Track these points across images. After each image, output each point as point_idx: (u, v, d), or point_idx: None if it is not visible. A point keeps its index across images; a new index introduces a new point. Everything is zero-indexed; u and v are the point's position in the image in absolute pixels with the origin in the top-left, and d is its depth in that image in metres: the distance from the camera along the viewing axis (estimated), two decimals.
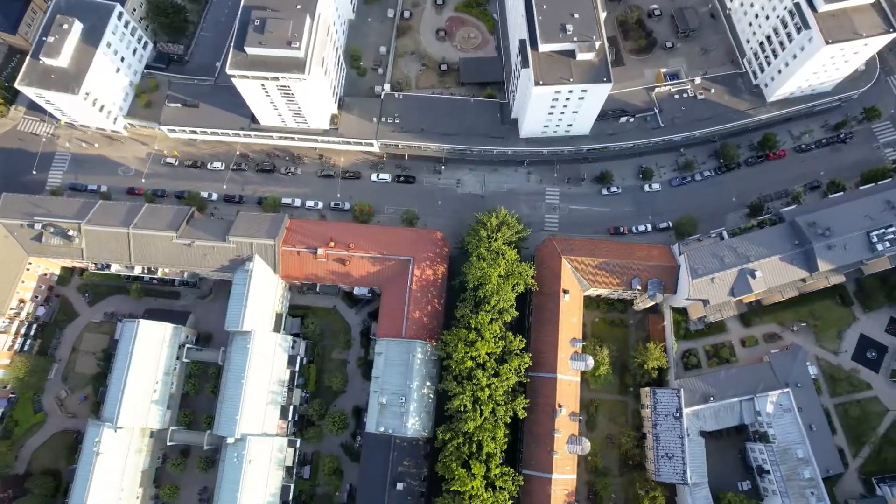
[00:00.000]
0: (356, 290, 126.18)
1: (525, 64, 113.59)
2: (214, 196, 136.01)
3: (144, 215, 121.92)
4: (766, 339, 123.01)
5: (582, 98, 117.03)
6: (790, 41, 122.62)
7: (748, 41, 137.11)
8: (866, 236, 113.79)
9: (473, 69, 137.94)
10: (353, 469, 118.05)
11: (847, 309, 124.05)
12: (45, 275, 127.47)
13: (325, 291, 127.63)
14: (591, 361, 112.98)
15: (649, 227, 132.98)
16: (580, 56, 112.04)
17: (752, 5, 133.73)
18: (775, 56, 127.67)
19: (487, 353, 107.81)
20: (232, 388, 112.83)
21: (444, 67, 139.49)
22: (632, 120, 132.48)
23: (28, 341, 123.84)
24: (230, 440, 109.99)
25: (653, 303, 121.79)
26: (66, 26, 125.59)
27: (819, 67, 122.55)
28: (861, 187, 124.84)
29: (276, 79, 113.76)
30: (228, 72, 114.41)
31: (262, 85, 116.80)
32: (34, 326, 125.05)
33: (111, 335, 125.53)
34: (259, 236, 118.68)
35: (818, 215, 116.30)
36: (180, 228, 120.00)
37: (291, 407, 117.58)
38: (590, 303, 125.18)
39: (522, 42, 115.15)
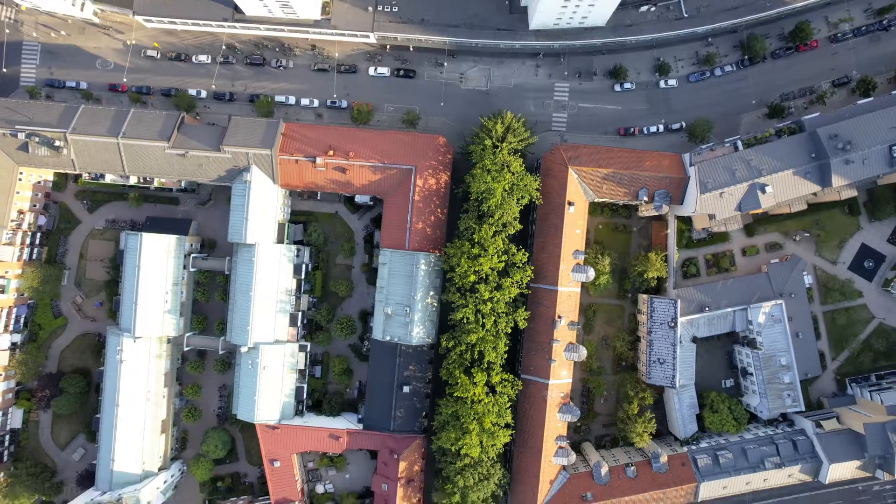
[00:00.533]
0: (358, 198, 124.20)
1: None
2: (203, 94, 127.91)
3: (132, 122, 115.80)
4: (767, 248, 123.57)
5: None
6: None
7: None
8: (888, 150, 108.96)
9: None
10: (362, 367, 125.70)
11: (853, 218, 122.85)
12: (40, 182, 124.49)
13: (327, 197, 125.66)
14: (591, 273, 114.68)
15: (661, 128, 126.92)
16: None
17: None
18: None
19: (490, 268, 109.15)
20: (241, 299, 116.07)
21: None
22: (653, 9, 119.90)
23: (35, 249, 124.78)
24: (243, 349, 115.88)
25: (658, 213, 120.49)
26: None
27: None
28: (893, 92, 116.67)
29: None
30: None
31: None
32: (38, 235, 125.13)
33: (116, 241, 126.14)
34: (254, 146, 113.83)
35: (840, 126, 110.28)
36: (172, 138, 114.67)
37: (300, 313, 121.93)
38: (594, 208, 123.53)
39: None
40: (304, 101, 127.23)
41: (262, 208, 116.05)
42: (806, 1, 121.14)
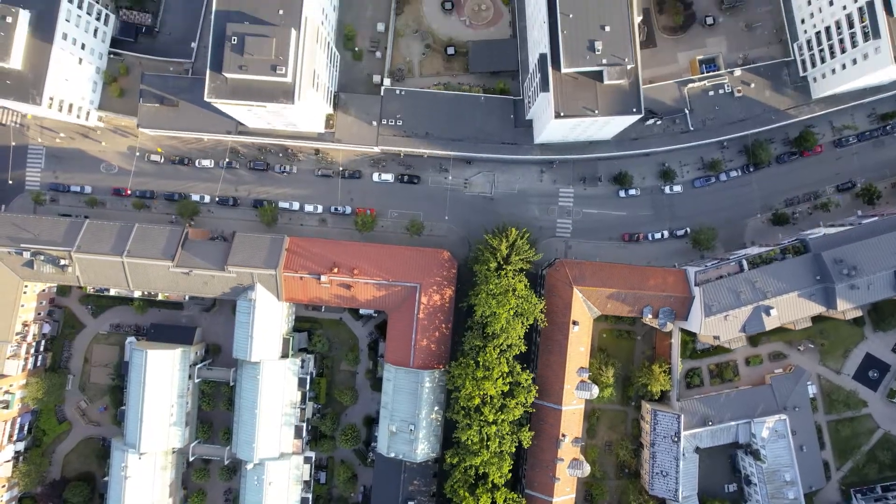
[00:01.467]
0: (362, 310, 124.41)
1: (545, 87, 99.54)
2: (207, 199, 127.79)
3: (136, 238, 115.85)
4: (771, 357, 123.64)
5: (607, 123, 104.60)
6: (853, 45, 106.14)
7: (803, 21, 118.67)
8: (893, 275, 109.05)
9: (484, 56, 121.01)
10: (367, 472, 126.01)
11: (858, 328, 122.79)
12: (44, 290, 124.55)
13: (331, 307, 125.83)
14: (595, 391, 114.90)
15: (666, 234, 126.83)
16: (608, 80, 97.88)
17: None
18: (832, 55, 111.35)
19: (495, 390, 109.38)
20: (246, 415, 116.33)
21: (451, 52, 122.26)
22: (659, 122, 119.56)
23: (39, 357, 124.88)
24: (249, 465, 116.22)
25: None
26: (9, 19, 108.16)
27: (883, 78, 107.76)
28: None
29: (263, 107, 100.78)
30: (207, 99, 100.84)
31: (248, 109, 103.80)
32: (42, 342, 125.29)
33: (120, 346, 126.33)
34: (259, 266, 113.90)
35: (845, 251, 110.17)
36: (176, 256, 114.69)
37: (304, 423, 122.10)
38: (598, 317, 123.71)
39: (542, 59, 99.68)
40: (308, 208, 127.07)
41: (267, 325, 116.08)
42: (811, 114, 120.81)
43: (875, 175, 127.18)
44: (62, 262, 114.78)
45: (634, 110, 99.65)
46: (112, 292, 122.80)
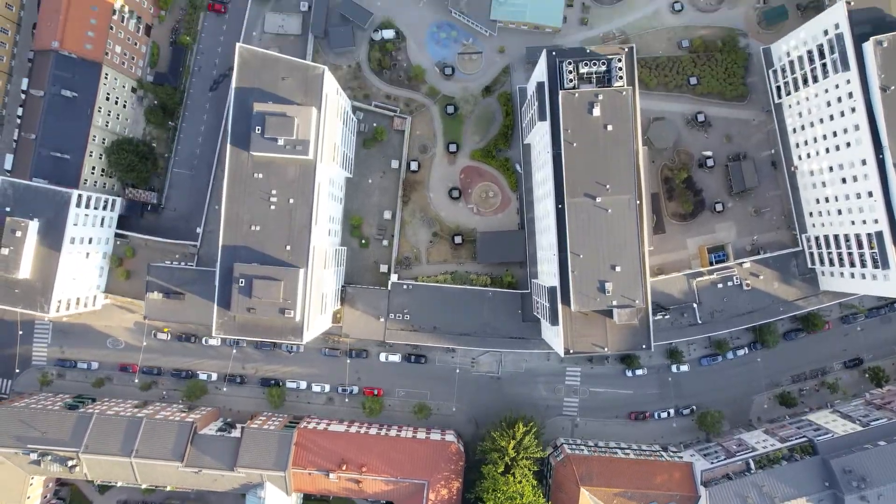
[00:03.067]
0: None
1: (554, 320, 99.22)
2: (214, 376, 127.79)
3: (144, 436, 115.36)
4: None
5: None
6: (862, 264, 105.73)
7: (811, 215, 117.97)
8: None
9: (492, 247, 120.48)
10: None
11: None
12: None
13: None
14: None
15: (672, 413, 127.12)
16: (619, 321, 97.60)
17: (823, 185, 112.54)
18: (840, 263, 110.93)
19: None
20: None
21: (458, 240, 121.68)
22: (667, 316, 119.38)
23: None
24: None
25: None
26: (18, 233, 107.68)
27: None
28: None
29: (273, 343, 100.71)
30: (214, 334, 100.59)
31: None
32: None
33: None
34: (268, 467, 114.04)
35: (854, 460, 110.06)
36: (185, 455, 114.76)
37: None
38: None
39: (552, 293, 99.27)
40: (316, 388, 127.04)
41: None
42: (819, 305, 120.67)
43: (882, 351, 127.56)
44: (70, 462, 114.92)
45: (644, 346, 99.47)
46: (119, 484, 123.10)
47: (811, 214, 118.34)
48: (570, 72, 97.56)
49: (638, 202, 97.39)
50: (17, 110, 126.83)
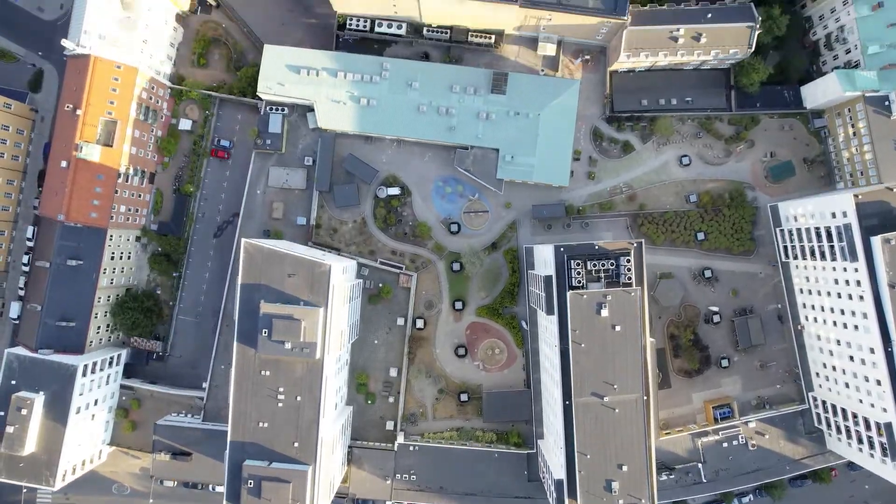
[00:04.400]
0: None
1: None
2: None
3: None
4: None
5: None
6: (871, 446, 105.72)
7: (817, 375, 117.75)
8: None
9: (498, 406, 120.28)
10: None
11: None
12: None
13: None
14: None
15: None
16: None
17: (830, 354, 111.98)
18: (849, 436, 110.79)
19: None
20: None
21: (464, 398, 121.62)
22: (672, 476, 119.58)
23: None
24: None
25: None
26: (24, 411, 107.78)
27: None
28: None
29: None
30: None
31: None
32: None
33: None
34: None
35: None
36: None
37: None
38: None
39: (559, 486, 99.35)
40: None
41: None
42: (826, 464, 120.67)
43: (890, 498, 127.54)
44: None
45: None
46: None
47: (818, 375, 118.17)
48: (578, 271, 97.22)
49: (645, 398, 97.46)
50: (24, 257, 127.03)
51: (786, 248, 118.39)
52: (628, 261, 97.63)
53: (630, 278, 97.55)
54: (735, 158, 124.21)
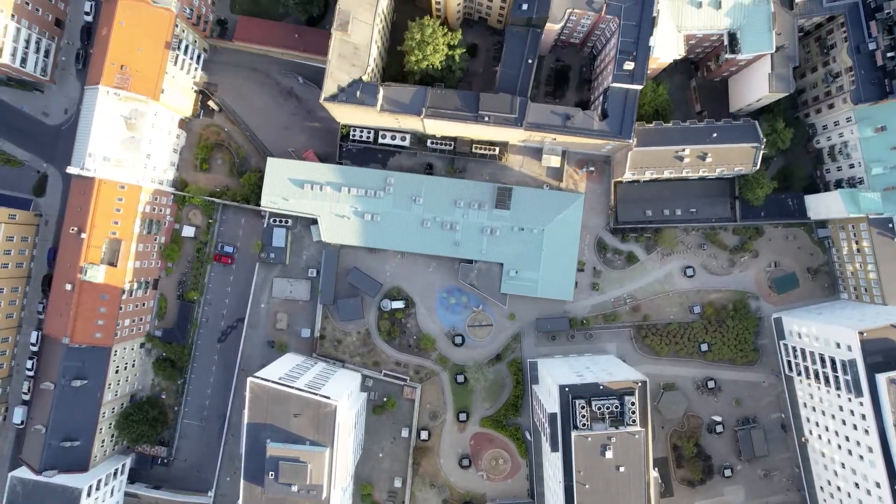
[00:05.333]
0: None
1: None
2: None
3: None
4: None
5: None
6: None
7: (821, 489, 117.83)
8: None
9: None
10: None
11: None
12: None
13: None
14: None
15: None
16: None
17: (835, 475, 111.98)
18: None
19: None
20: None
21: None
22: None
23: None
24: None
25: None
26: None
27: None
28: None
29: None
30: None
31: None
32: None
33: None
34: None
35: None
36: None
37: None
38: None
39: None
40: None
41: None
42: None
43: None
44: None
45: None
46: None
47: (822, 489, 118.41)
48: (583, 413, 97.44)
49: None
50: (27, 362, 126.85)
51: (789, 362, 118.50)
52: (633, 403, 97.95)
53: (634, 420, 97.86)
54: (739, 268, 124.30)
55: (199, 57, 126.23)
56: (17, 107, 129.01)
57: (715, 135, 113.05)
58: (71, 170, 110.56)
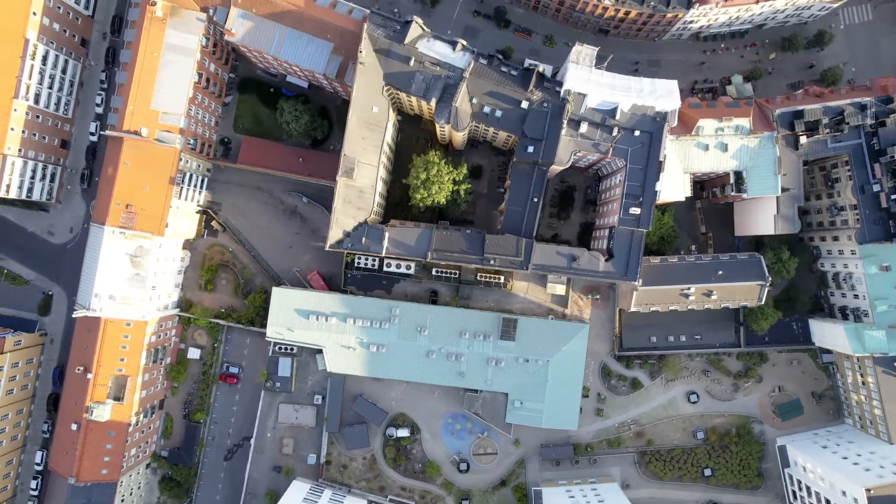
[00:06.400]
0: None
1: None
2: None
3: None
4: None
5: None
6: None
7: None
8: None
9: None
10: None
11: None
12: None
13: None
14: None
15: None
16: None
17: None
18: None
19: None
20: None
21: None
22: None
23: None
24: None
25: None
26: None
27: None
28: None
29: None
30: None
31: None
32: None
33: None
34: None
35: None
36: None
37: None
38: None
39: None
40: None
41: None
42: None
43: None
44: None
45: None
46: None
47: None
48: None
49: None
50: (31, 482, 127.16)
51: (794, 492, 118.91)
52: None
53: None
54: (743, 393, 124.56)
55: (202, 181, 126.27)
56: (23, 227, 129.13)
57: (720, 272, 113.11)
58: (77, 314, 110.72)
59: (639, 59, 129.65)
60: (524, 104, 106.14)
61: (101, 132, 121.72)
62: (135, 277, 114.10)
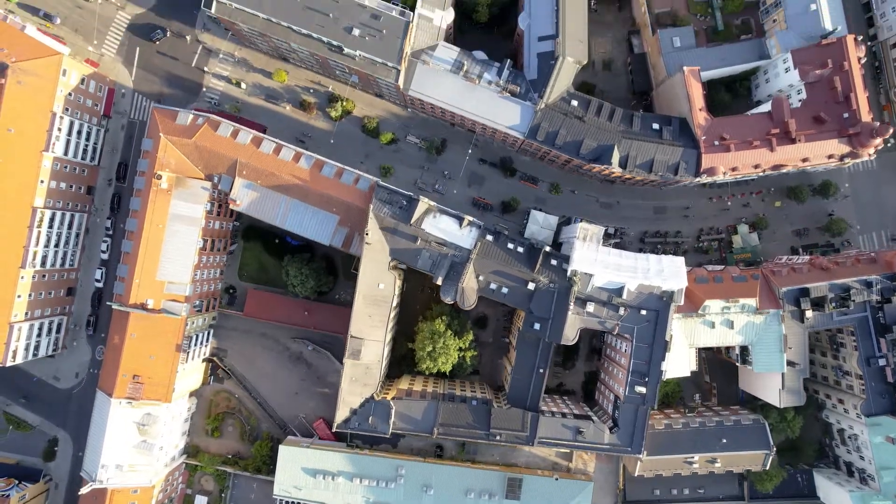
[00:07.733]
0: None
1: None
2: None
3: None
4: None
5: None
6: None
7: None
8: None
9: None
10: None
11: None
12: None
13: None
14: None
15: None
16: None
17: None
18: None
19: None
20: None
21: None
22: None
23: None
24: None
25: None
26: None
27: None
28: None
29: None
30: None
31: None
32: None
33: None
34: None
35: None
36: None
37: None
38: None
39: None
40: None
41: None
42: None
43: None
44: None
45: None
46: None
47: None
48: None
49: None
50: None
51: None
52: None
53: None
54: None
55: (207, 336, 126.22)
56: (29, 374, 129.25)
57: (724, 440, 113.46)
58: (84, 490, 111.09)
59: (643, 205, 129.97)
60: (531, 286, 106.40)
61: (108, 302, 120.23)
62: (142, 444, 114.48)
